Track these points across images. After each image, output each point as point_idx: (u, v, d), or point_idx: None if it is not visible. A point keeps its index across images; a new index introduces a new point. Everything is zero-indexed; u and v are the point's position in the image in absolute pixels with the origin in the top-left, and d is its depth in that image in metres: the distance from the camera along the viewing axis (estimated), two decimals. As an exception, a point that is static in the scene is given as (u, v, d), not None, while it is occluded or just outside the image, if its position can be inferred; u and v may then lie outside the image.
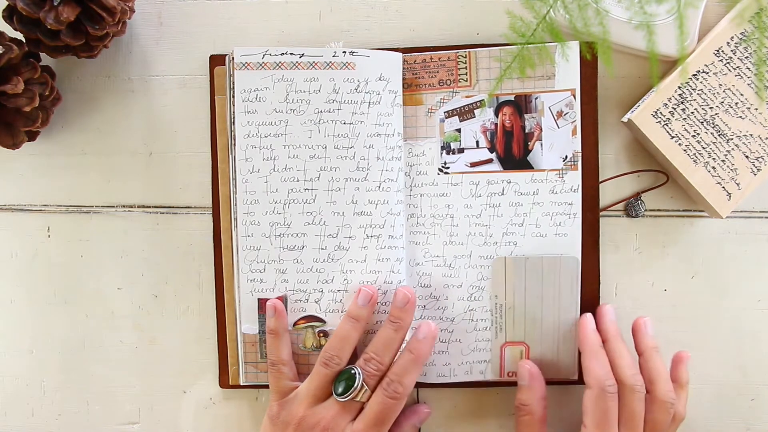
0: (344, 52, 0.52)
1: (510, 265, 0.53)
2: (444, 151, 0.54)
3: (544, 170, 0.52)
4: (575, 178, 0.53)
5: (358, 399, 0.49)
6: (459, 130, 0.54)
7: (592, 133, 0.54)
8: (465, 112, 0.53)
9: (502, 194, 0.53)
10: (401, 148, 0.53)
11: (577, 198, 0.53)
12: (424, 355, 0.50)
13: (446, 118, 0.53)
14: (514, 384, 0.54)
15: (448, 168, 0.54)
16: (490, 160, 0.53)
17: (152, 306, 0.57)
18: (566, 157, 0.52)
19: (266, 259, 0.53)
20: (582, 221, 0.54)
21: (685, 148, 0.52)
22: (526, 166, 0.53)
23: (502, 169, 0.53)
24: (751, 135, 0.52)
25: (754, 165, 0.52)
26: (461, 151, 0.53)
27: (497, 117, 0.53)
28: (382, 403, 0.48)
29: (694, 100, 0.52)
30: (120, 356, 0.57)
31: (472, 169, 0.53)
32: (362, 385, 0.49)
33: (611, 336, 0.51)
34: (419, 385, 0.55)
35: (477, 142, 0.53)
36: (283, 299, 0.53)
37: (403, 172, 0.54)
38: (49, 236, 0.57)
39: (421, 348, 0.50)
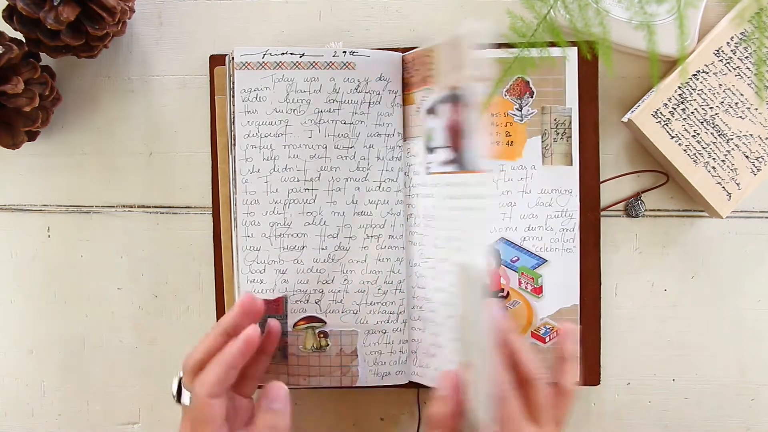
0: (344, 52, 0.52)
1: (459, 273, 0.46)
2: (427, 150, 0.53)
3: (475, 171, 0.45)
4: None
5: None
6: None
7: (593, 133, 0.54)
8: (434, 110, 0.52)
9: (462, 197, 0.47)
10: (401, 148, 0.53)
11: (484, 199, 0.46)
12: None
13: (427, 116, 0.52)
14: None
15: (430, 168, 0.52)
16: (451, 160, 0.47)
17: (152, 306, 0.57)
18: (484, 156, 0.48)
19: (266, 260, 0.53)
20: (582, 221, 0.54)
21: (685, 148, 0.52)
22: (466, 166, 0.46)
23: (458, 170, 0.47)
24: (751, 135, 0.52)
25: (754, 165, 0.52)
26: (435, 150, 0.50)
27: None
28: None
29: (694, 100, 0.52)
30: (120, 356, 0.57)
31: (443, 169, 0.48)
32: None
33: (506, 331, 0.46)
34: (420, 386, 0.55)
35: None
36: (283, 300, 0.53)
37: (403, 171, 0.54)
38: (49, 236, 0.57)
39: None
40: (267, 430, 0.45)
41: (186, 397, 0.47)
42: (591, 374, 0.55)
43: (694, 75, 0.52)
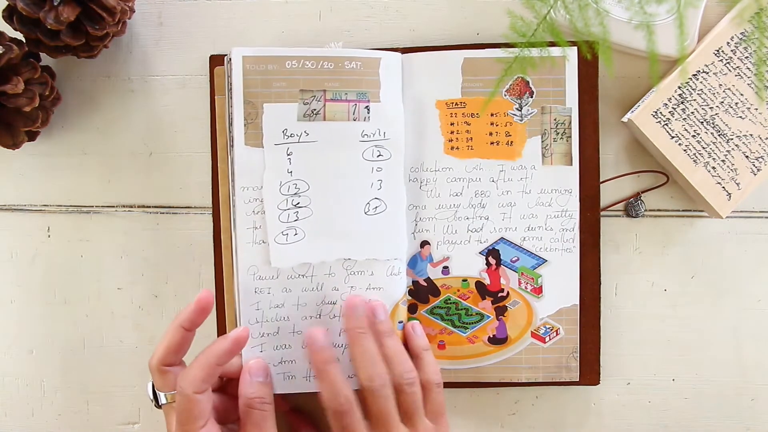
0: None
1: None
2: None
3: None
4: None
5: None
6: None
7: (593, 133, 0.54)
8: None
9: None
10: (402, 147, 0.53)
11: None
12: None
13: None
14: (512, 384, 0.54)
15: None
16: None
17: (152, 306, 0.57)
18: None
19: (266, 259, 0.53)
20: (581, 221, 0.54)
21: (685, 148, 0.52)
22: None
23: None
24: (751, 135, 0.52)
25: (754, 165, 0.52)
26: None
27: None
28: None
29: (694, 100, 0.52)
30: (120, 356, 0.57)
31: None
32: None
33: (352, 334, 0.50)
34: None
35: None
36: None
37: (407, 169, 0.54)
38: (49, 236, 0.57)
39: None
40: (257, 402, 0.47)
41: (162, 397, 0.47)
42: (591, 374, 0.55)
43: (694, 75, 0.52)
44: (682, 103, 0.52)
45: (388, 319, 0.51)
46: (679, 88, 0.52)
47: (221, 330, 0.55)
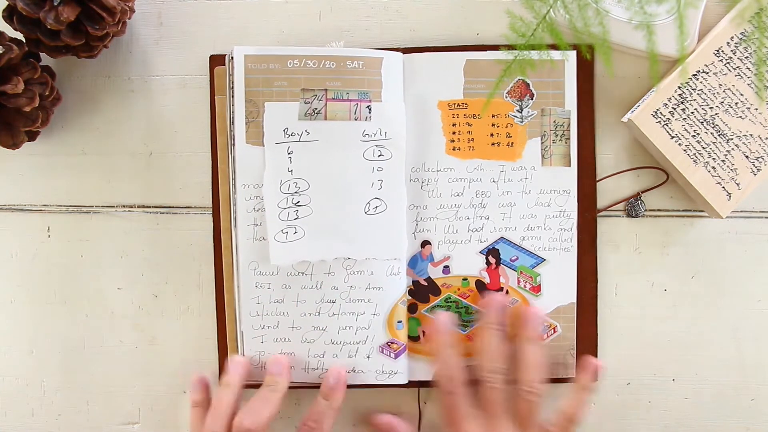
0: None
1: None
2: None
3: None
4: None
5: None
6: None
7: (589, 133, 0.54)
8: None
9: None
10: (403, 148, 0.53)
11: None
12: (338, 400, 0.52)
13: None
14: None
15: None
16: None
17: (152, 306, 0.57)
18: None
19: (266, 259, 0.53)
20: (579, 221, 0.54)
21: (685, 148, 0.52)
22: None
23: None
24: (751, 135, 0.52)
25: (754, 165, 0.52)
26: None
27: None
28: None
29: (694, 100, 0.52)
30: (120, 356, 0.57)
31: None
32: None
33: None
34: (421, 385, 0.55)
35: None
36: None
37: (407, 170, 0.54)
38: (49, 236, 0.57)
39: (335, 394, 0.51)
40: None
41: None
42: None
43: (694, 75, 0.52)
44: (682, 103, 0.52)
45: (537, 328, 0.52)
46: (679, 88, 0.52)
47: (221, 330, 0.55)
